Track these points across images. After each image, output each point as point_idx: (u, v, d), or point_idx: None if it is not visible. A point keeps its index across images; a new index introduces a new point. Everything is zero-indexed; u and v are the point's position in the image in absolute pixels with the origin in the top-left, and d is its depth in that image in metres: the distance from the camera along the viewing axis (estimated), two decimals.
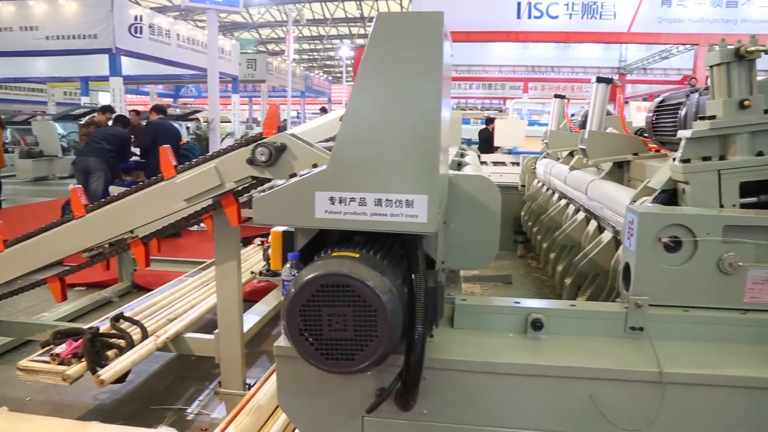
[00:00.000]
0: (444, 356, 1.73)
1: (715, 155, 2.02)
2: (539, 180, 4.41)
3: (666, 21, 14.28)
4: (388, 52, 1.49)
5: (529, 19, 14.42)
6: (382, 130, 1.50)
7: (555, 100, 4.83)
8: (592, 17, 14.39)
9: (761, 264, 1.84)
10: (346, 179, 1.55)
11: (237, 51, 17.19)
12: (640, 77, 21.95)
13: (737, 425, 1.69)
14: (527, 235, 4.23)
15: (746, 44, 1.97)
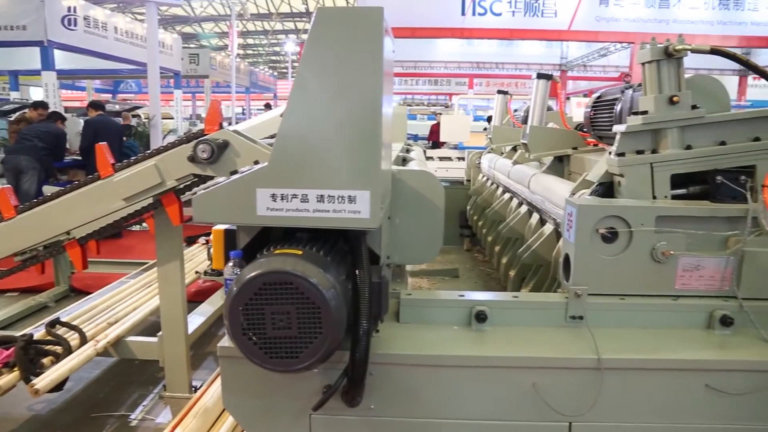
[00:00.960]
0: (390, 351, 1.74)
1: (647, 149, 2.09)
2: (484, 174, 4.49)
3: (604, 20, 14.76)
4: (328, 48, 1.48)
5: (473, 16, 14.63)
6: (323, 126, 1.49)
7: (498, 95, 4.91)
8: (534, 15, 14.72)
9: (690, 252, 1.93)
10: (288, 176, 1.53)
11: (179, 45, 16.73)
12: (581, 74, 22.63)
13: (670, 406, 1.77)
14: (473, 229, 4.29)
15: (674, 43, 2.04)
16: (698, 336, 1.89)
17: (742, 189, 2.00)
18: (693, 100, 2.07)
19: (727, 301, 1.94)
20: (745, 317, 1.90)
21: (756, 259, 1.92)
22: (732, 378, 1.75)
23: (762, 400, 1.75)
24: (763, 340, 1.84)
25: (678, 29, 14.17)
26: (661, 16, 14.73)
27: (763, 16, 15.03)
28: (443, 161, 6.34)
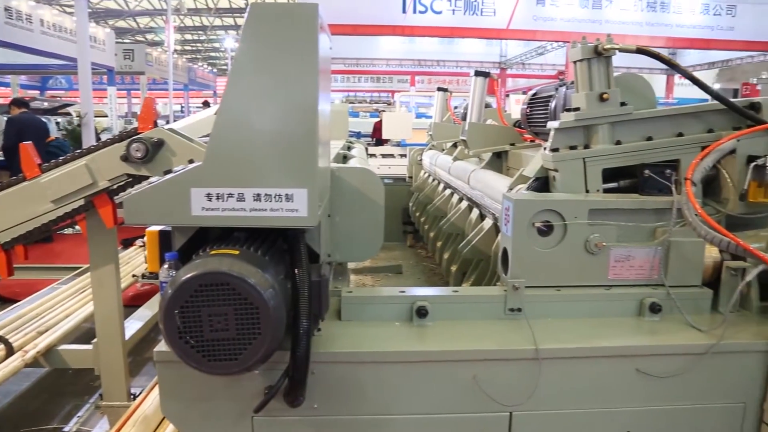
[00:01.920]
0: (332, 349, 1.73)
1: (580, 144, 2.16)
2: (425, 171, 4.53)
3: (541, 19, 15.16)
4: (262, 45, 1.46)
5: (414, 14, 14.73)
6: (258, 124, 1.47)
7: (438, 93, 4.96)
8: (474, 13, 14.96)
9: (621, 243, 2.01)
10: (223, 174, 1.50)
11: (112, 40, 16.12)
12: (520, 72, 23.14)
13: (604, 391, 1.84)
14: (416, 226, 4.32)
15: (603, 42, 2.12)
16: (629, 323, 1.97)
17: (668, 182, 2.09)
18: (621, 98, 2.15)
19: (656, 289, 2.03)
20: (672, 304, 1.99)
21: (681, 249, 2.01)
22: (660, 362, 1.83)
23: (686, 382, 1.85)
24: (688, 325, 1.93)
25: (610, 29, 14.70)
26: (595, 16, 15.25)
27: (686, 19, 15.80)
28: (386, 158, 6.37)
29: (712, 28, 16.03)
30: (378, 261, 4.08)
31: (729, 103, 2.18)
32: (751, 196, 2.11)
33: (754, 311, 2.05)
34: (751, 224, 2.23)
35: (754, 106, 2.21)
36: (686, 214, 1.93)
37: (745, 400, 1.89)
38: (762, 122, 2.13)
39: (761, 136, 2.14)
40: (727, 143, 2.12)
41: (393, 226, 4.58)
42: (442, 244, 3.35)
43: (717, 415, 1.90)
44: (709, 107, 2.22)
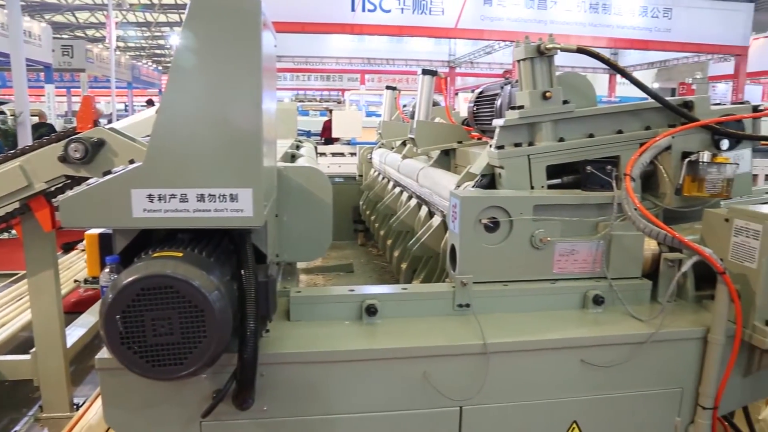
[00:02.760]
0: (280, 350, 1.71)
1: (524, 142, 2.20)
2: (375, 169, 4.53)
3: (488, 19, 15.42)
4: (202, 41, 1.43)
5: (363, 12, 14.75)
6: (200, 123, 1.43)
7: (387, 91, 4.98)
8: (423, 12, 15.09)
9: (565, 238, 2.06)
10: (165, 175, 1.46)
11: (48, 35, 15.48)
12: (468, 70, 23.47)
13: (551, 382, 1.89)
14: (366, 224, 4.32)
15: (546, 42, 2.17)
16: (574, 316, 2.03)
17: (609, 178, 2.15)
18: (564, 96, 2.20)
19: (599, 282, 2.09)
20: (614, 295, 2.06)
21: (621, 242, 2.08)
22: (604, 352, 1.89)
23: (628, 370, 1.91)
24: (629, 316, 2.00)
25: (555, 29, 15.10)
26: (540, 17, 15.63)
27: (627, 21, 16.37)
28: (336, 157, 6.35)
29: (651, 30, 16.67)
30: (329, 260, 4.06)
31: (664, 102, 2.26)
32: (685, 190, 2.20)
33: (690, 300, 2.14)
34: (687, 217, 2.33)
35: (688, 104, 2.30)
36: (626, 208, 2.00)
37: (683, 385, 1.97)
38: (694, 120, 2.22)
39: (694, 133, 2.24)
40: (663, 140, 2.20)
41: (344, 224, 4.57)
42: (392, 242, 3.36)
43: (657, 401, 1.98)
44: (647, 105, 2.30)
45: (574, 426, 1.93)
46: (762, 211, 1.90)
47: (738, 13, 17.40)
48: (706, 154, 2.17)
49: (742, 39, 17.39)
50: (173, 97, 1.44)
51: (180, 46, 1.44)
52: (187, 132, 1.44)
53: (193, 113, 1.44)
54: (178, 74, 1.44)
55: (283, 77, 27.59)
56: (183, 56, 1.44)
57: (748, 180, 2.39)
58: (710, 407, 1.94)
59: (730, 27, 17.09)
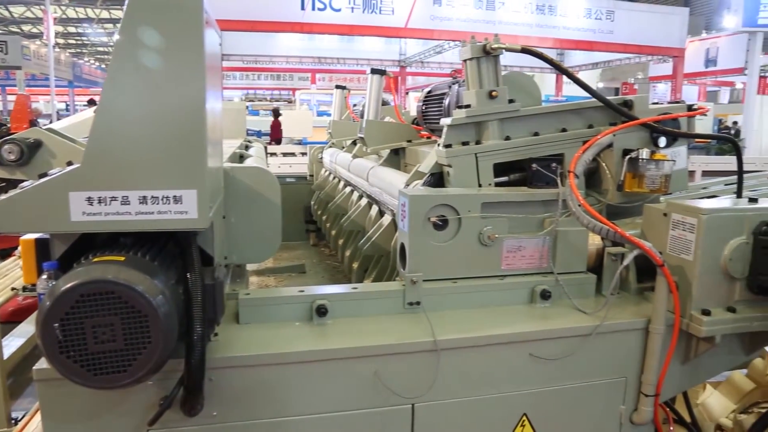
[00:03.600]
0: (229, 354, 1.68)
1: (472, 140, 2.23)
2: (326, 169, 4.51)
3: (438, 19, 15.58)
4: (143, 39, 1.38)
5: (313, 11, 14.67)
6: (140, 123, 1.39)
7: (337, 90, 4.96)
8: (373, 12, 15.12)
9: (513, 234, 2.10)
10: (105, 177, 1.41)
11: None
12: (419, 70, 23.63)
13: (500, 376, 1.92)
14: (318, 224, 4.30)
15: (491, 42, 2.20)
16: (522, 310, 2.07)
17: (554, 175, 2.21)
18: (509, 95, 2.24)
19: (546, 277, 2.14)
20: (561, 290, 2.11)
21: (567, 238, 2.14)
22: (551, 345, 1.93)
23: (575, 362, 1.96)
24: (575, 309, 2.06)
25: (503, 30, 15.39)
26: (488, 17, 15.89)
27: (572, 22, 16.84)
28: (287, 157, 6.28)
29: (594, 31, 17.20)
30: (281, 261, 4.02)
31: (605, 101, 2.33)
32: (627, 186, 2.28)
33: (632, 292, 2.21)
34: (629, 212, 2.42)
35: (627, 103, 2.38)
36: (570, 204, 2.05)
37: (627, 374, 2.04)
38: (634, 118, 2.30)
39: (634, 131, 2.32)
40: (605, 138, 2.27)
41: (295, 225, 4.53)
42: (344, 241, 3.35)
43: (603, 391, 2.04)
44: (589, 104, 2.37)
45: (524, 418, 1.97)
46: (697, 205, 1.98)
47: (674, 17, 18.17)
48: (645, 151, 2.25)
49: (679, 41, 18.15)
50: (112, 96, 1.40)
51: (118, 43, 1.40)
52: (127, 132, 1.40)
53: (133, 113, 1.39)
54: (116, 73, 1.40)
55: (232, 76, 27.15)
56: (121, 54, 1.39)
57: (684, 176, 2.49)
58: (652, 394, 2.02)
59: (668, 30, 17.82)
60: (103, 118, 1.40)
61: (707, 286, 1.96)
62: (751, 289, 1.99)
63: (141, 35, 1.39)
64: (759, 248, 1.94)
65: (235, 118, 4.34)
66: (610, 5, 17.68)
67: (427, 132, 3.14)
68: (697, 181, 9.94)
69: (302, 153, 6.23)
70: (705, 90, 27.62)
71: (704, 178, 10.53)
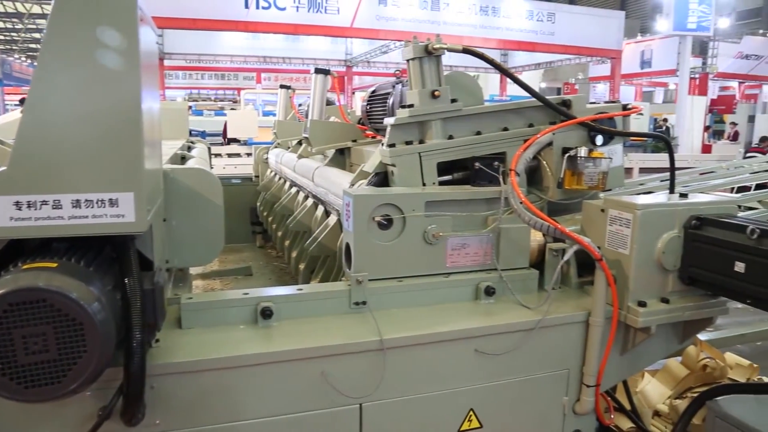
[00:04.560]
0: (172, 360, 1.64)
1: (415, 140, 2.25)
2: (272, 170, 4.46)
3: (383, 19, 15.63)
4: (72, 36, 1.33)
5: (257, 10, 14.47)
6: (72, 123, 1.34)
7: (281, 90, 4.91)
8: (318, 11, 15.04)
9: (457, 232, 2.13)
10: (35, 180, 1.35)
11: None
12: (365, 70, 23.65)
13: (447, 373, 1.94)
14: (264, 225, 4.25)
15: (433, 42, 2.22)
16: (467, 307, 2.10)
17: (496, 173, 2.25)
18: (452, 95, 2.27)
19: (490, 274, 2.17)
20: (504, 286, 2.15)
21: (509, 235, 2.18)
22: (496, 340, 1.97)
23: (519, 356, 2.01)
24: (519, 304, 2.10)
25: (448, 30, 15.59)
26: (433, 18, 16.05)
27: (515, 23, 17.21)
28: (232, 158, 6.17)
29: (536, 33, 17.63)
30: (227, 263, 3.95)
31: (544, 100, 2.39)
32: (566, 183, 2.34)
33: (573, 287, 2.28)
34: (569, 209, 2.48)
35: (566, 103, 2.45)
36: (512, 202, 2.09)
37: (569, 366, 2.10)
38: (572, 117, 2.37)
39: (573, 130, 2.39)
40: (545, 136, 2.33)
41: (241, 227, 4.47)
42: (290, 242, 3.32)
43: (547, 383, 2.09)
44: (529, 104, 2.43)
45: (471, 413, 2.00)
46: (632, 201, 2.06)
47: (611, 20, 18.85)
48: (583, 149, 2.31)
49: (616, 43, 18.83)
50: (41, 95, 1.34)
51: (46, 39, 1.34)
52: (57, 132, 1.34)
53: (63, 112, 1.34)
54: (45, 71, 1.34)
55: (174, 75, 26.49)
56: (50, 51, 1.34)
57: (620, 173, 2.58)
58: (593, 385, 2.08)
59: (606, 32, 18.47)
60: (31, 118, 1.34)
61: (643, 279, 2.04)
62: (682, 280, 2.08)
63: (71, 31, 1.34)
64: (689, 241, 2.03)
65: (176, 119, 4.23)
66: (551, 8, 18.19)
67: (372, 132, 3.15)
68: (635, 177, 10.32)
69: (247, 154, 6.12)
70: (641, 90, 28.73)
71: (641, 175, 10.96)
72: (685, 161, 14.06)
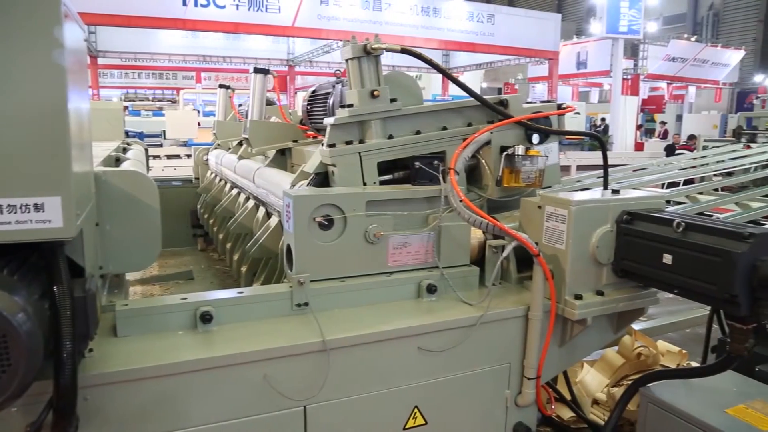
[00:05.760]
0: (106, 369, 1.58)
1: (355, 139, 2.25)
2: (212, 171, 4.37)
3: (325, 18, 15.55)
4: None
5: (195, 8, 14.14)
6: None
7: (220, 90, 4.82)
8: (259, 10, 14.82)
9: (398, 231, 2.14)
10: None
11: None
12: (308, 69, 23.47)
13: (391, 371, 1.95)
14: (205, 228, 4.16)
15: (372, 42, 2.23)
16: (410, 305, 2.11)
17: (436, 172, 2.27)
18: (392, 94, 2.28)
19: (431, 272, 2.20)
20: (446, 283, 2.18)
21: (450, 232, 2.21)
22: (438, 337, 1.99)
23: (461, 352, 2.04)
24: (460, 301, 2.13)
25: (390, 31, 15.67)
26: (375, 18, 16.09)
27: (455, 24, 17.46)
28: (171, 159, 6.00)
29: (477, 34, 17.93)
30: (167, 268, 3.84)
31: (481, 100, 2.43)
32: (505, 181, 2.39)
33: (513, 282, 2.33)
34: (508, 206, 2.54)
35: (503, 102, 2.50)
36: (452, 200, 2.12)
37: (510, 360, 2.15)
38: (509, 117, 2.42)
39: (510, 129, 2.44)
40: (483, 135, 2.37)
41: (182, 230, 4.36)
42: (232, 245, 3.27)
43: (489, 377, 2.13)
44: (468, 103, 2.47)
45: (416, 410, 2.02)
46: (567, 198, 2.12)
47: (548, 22, 19.40)
48: (521, 147, 2.37)
49: (553, 45, 19.39)
50: None
51: None
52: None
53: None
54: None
55: (109, 74, 25.56)
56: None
57: (557, 170, 2.66)
58: (534, 377, 2.14)
59: (543, 34, 19.01)
60: None
61: (579, 273, 2.11)
62: (616, 273, 2.16)
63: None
64: (621, 235, 2.11)
65: (111, 119, 4.09)
66: (490, 9, 18.56)
67: (313, 132, 3.13)
68: (573, 175, 10.67)
69: (187, 155, 5.97)
70: (578, 90, 29.68)
71: (579, 172, 11.33)
72: (620, 158, 14.61)
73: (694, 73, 25.12)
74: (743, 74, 27.92)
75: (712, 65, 25.37)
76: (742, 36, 28.03)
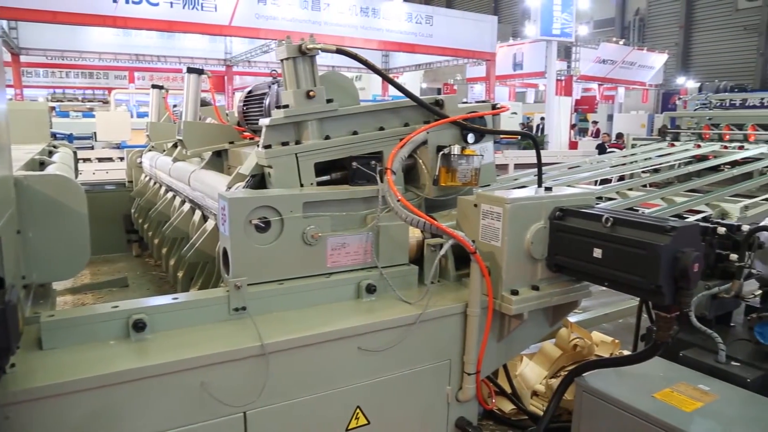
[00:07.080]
0: (30, 385, 1.50)
1: (291, 140, 2.23)
2: (146, 174, 4.24)
3: (263, 17, 15.34)
4: None
5: (126, 4, 13.66)
6: None
7: (153, 90, 4.68)
8: (194, 8, 14.47)
9: (336, 232, 2.13)
10: None
11: None
12: (246, 69, 23.10)
13: (332, 373, 1.94)
14: (140, 233, 4.03)
15: (307, 42, 2.21)
16: (349, 306, 2.11)
17: (373, 172, 2.28)
18: (328, 95, 2.27)
19: (371, 272, 2.20)
20: (385, 283, 2.19)
21: (388, 232, 2.22)
22: (378, 337, 2.00)
23: (402, 350, 2.05)
24: (400, 300, 2.14)
25: (329, 31, 15.62)
26: (314, 18, 15.99)
27: (395, 25, 17.58)
28: (103, 162, 5.77)
29: (416, 35, 18.12)
30: (100, 276, 3.71)
31: (417, 100, 2.46)
32: (442, 180, 2.43)
33: (452, 280, 2.36)
34: (445, 205, 2.57)
35: (439, 102, 2.54)
36: (389, 200, 2.13)
37: (450, 356, 2.18)
38: (444, 116, 2.46)
39: (446, 129, 2.48)
40: (419, 135, 2.40)
41: (115, 235, 4.21)
42: (168, 250, 3.18)
43: (430, 374, 2.16)
44: (404, 104, 2.49)
45: (358, 411, 2.02)
46: (502, 196, 2.17)
47: (485, 24, 19.80)
48: (456, 147, 2.41)
49: (490, 46, 19.81)
50: None
51: None
52: None
53: None
54: None
55: (35, 73, 24.36)
56: None
57: (492, 169, 2.71)
58: (474, 372, 2.18)
59: (480, 35, 19.39)
60: None
61: (514, 269, 2.16)
62: (550, 267, 2.23)
63: None
64: (554, 231, 2.18)
65: (35, 120, 3.90)
66: (429, 11, 18.78)
67: (250, 133, 3.08)
68: (510, 173, 10.95)
69: (120, 158, 5.76)
70: (514, 91, 30.44)
71: (516, 171, 11.63)
72: (555, 157, 15.08)
73: (623, 75, 26.30)
74: (667, 76, 29.43)
75: (639, 67, 26.61)
76: (665, 40, 29.57)
